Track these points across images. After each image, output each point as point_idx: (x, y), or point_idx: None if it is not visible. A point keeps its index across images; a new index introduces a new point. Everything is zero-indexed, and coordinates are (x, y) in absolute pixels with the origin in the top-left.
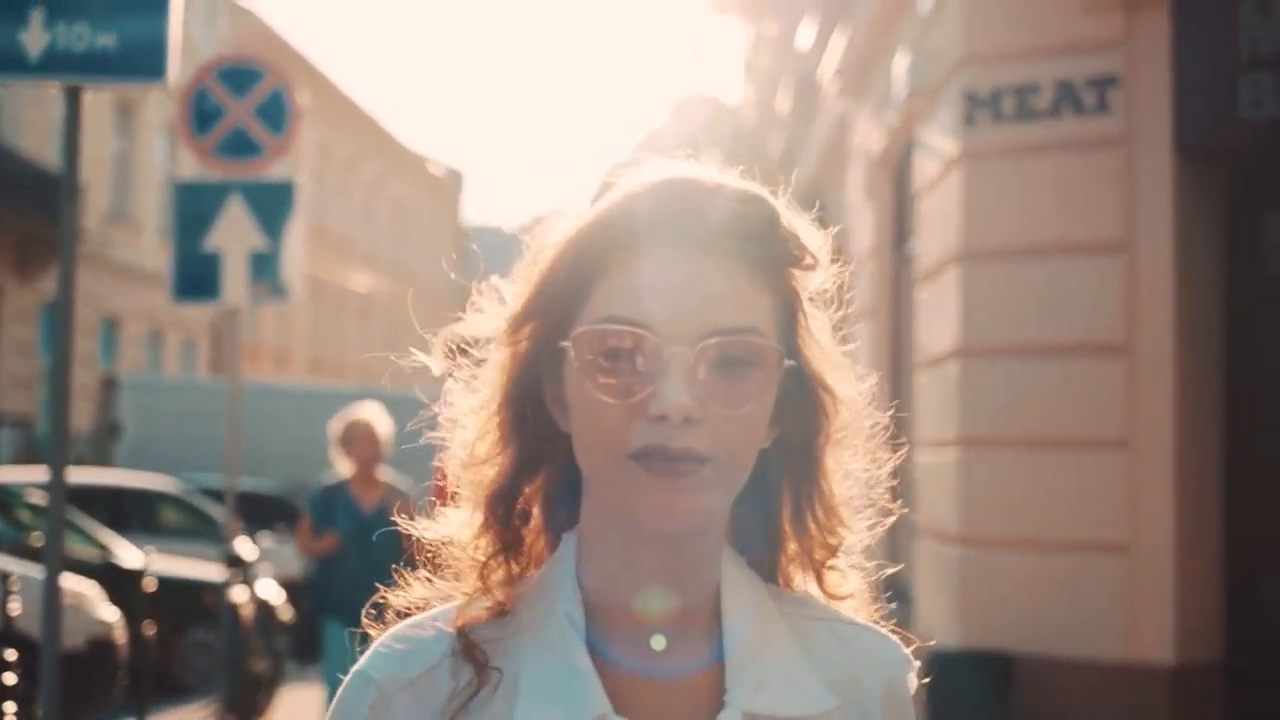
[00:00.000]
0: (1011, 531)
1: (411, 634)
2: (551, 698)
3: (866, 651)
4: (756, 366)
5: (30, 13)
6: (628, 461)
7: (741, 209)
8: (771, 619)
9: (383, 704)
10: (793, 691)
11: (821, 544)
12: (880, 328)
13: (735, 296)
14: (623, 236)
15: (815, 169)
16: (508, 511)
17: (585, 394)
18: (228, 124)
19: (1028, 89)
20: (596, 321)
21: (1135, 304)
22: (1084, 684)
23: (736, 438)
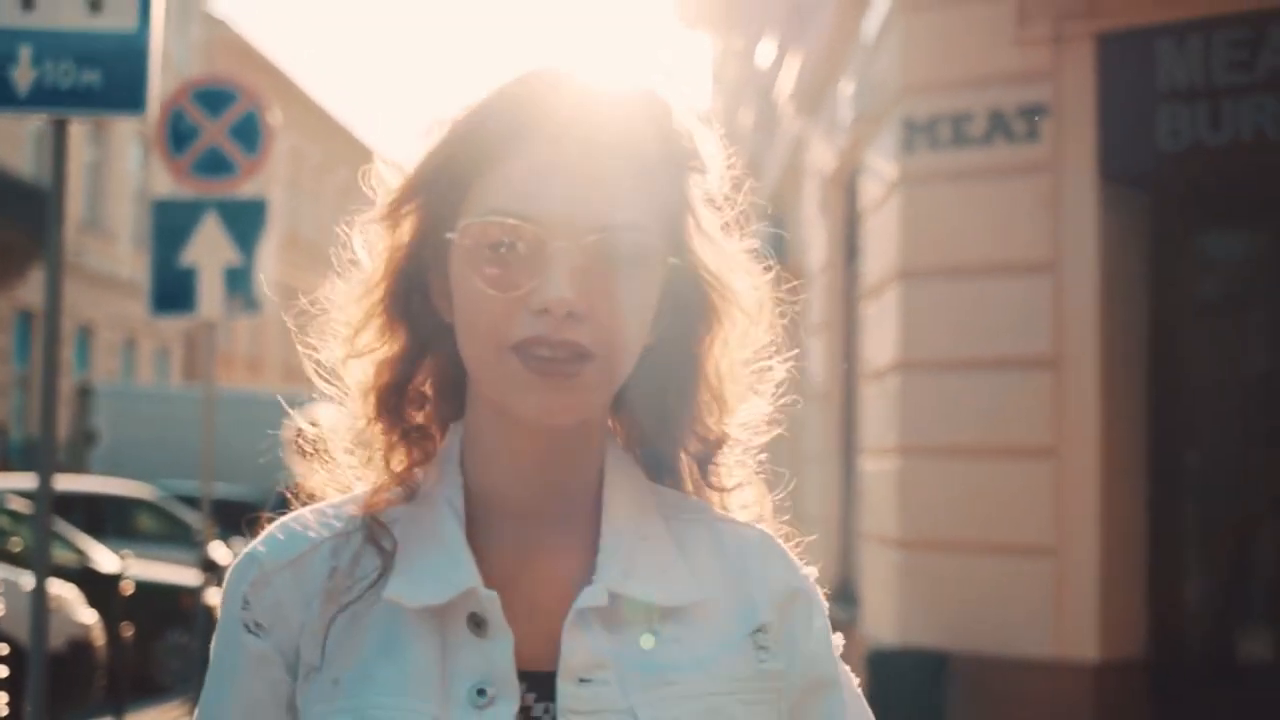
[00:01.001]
0: (947, 535)
1: (300, 518)
2: (425, 573)
3: (744, 542)
4: (641, 264)
5: (19, 50)
6: (509, 354)
7: (633, 106)
8: (650, 515)
9: (262, 580)
10: (662, 580)
11: (710, 435)
12: (833, 340)
13: (622, 193)
14: (510, 125)
15: (776, 183)
16: (400, 399)
17: (468, 286)
18: (203, 143)
19: (962, 117)
20: (481, 213)
21: (1062, 320)
22: (1014, 679)
23: (619, 334)
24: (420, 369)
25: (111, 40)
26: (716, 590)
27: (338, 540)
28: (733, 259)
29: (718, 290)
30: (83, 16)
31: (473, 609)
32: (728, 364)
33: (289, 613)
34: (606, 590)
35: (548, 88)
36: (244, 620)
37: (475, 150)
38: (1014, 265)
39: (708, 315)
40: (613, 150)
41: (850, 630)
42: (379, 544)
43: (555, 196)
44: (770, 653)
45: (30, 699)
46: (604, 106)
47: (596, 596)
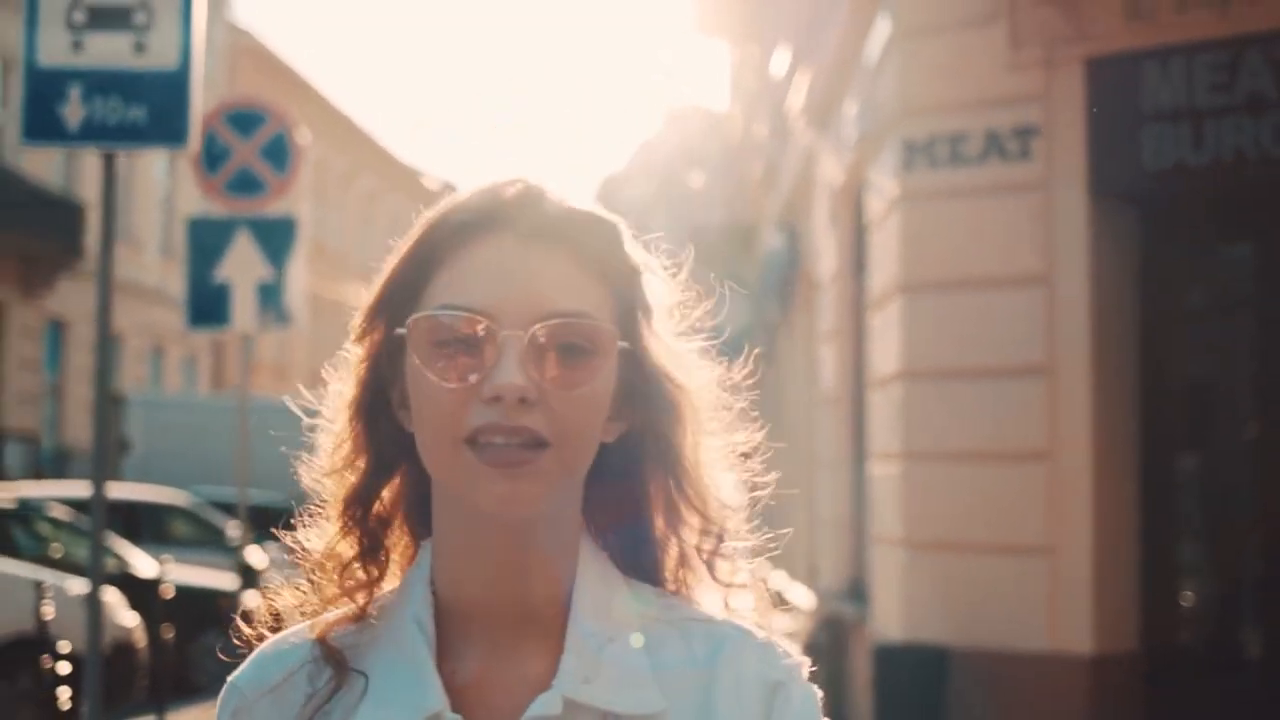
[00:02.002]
0: (949, 536)
1: (277, 644)
2: (394, 698)
3: (718, 644)
4: (591, 351)
5: (70, 89)
6: (464, 447)
7: (584, 215)
8: (621, 617)
9: (244, 709)
10: (623, 688)
11: (702, 533)
12: (843, 348)
13: (569, 283)
14: (458, 229)
15: (789, 194)
16: (364, 516)
17: (422, 381)
18: (235, 164)
19: (959, 137)
20: (432, 310)
21: (1055, 330)
22: (1013, 672)
23: (573, 420)
24: (385, 486)
25: (155, 78)
26: (680, 696)
27: (313, 666)
28: (684, 358)
29: (673, 386)
30: (128, 56)
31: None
32: (700, 459)
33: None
34: (561, 697)
35: (500, 194)
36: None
37: (429, 256)
38: (1009, 278)
39: (671, 411)
40: (561, 248)
41: (861, 627)
42: (341, 665)
43: (501, 288)
44: None
45: (87, 696)
46: (548, 205)
47: (550, 705)
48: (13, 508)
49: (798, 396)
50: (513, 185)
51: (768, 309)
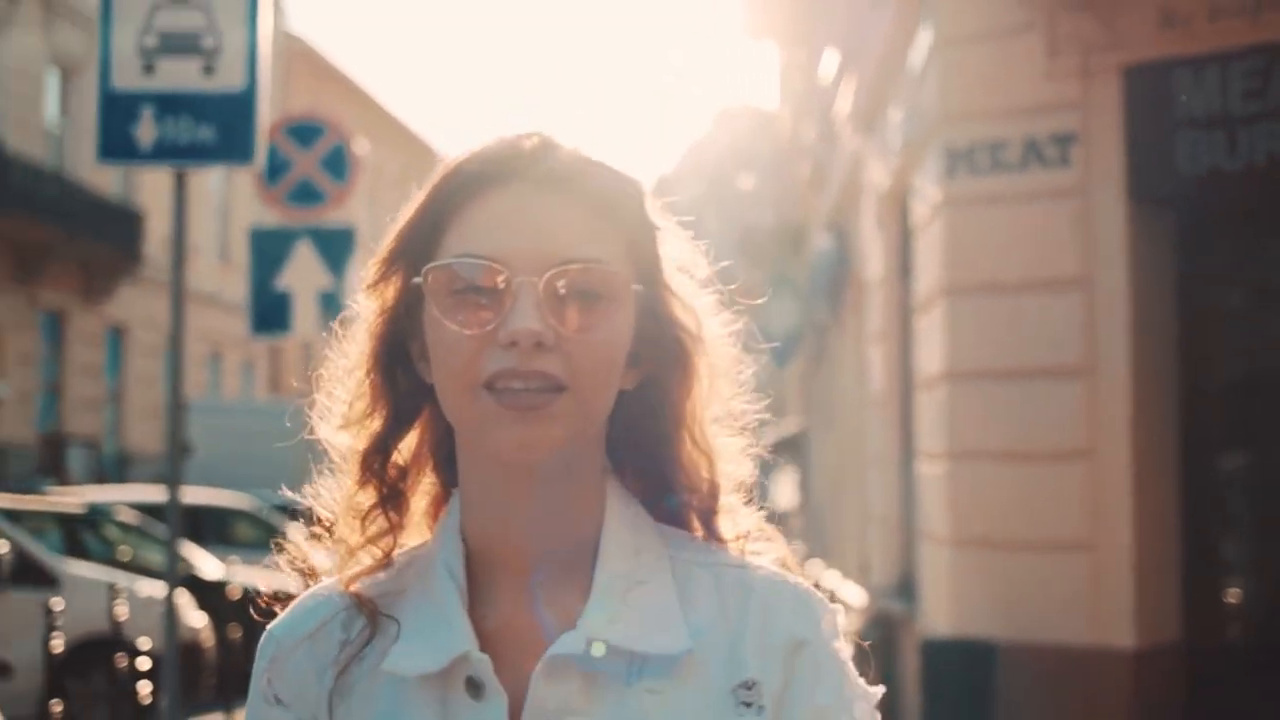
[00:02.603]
0: (993, 533)
1: (313, 594)
2: (424, 641)
3: (749, 590)
4: (606, 296)
5: (142, 110)
6: (482, 392)
7: (603, 168)
8: (651, 558)
9: (282, 657)
10: (650, 628)
11: (702, 486)
12: (890, 350)
13: (584, 230)
14: (474, 179)
15: (837, 196)
16: (382, 467)
17: (440, 330)
18: (295, 175)
19: (999, 145)
20: (448, 259)
21: (1095, 332)
22: (1057, 665)
23: (589, 364)
24: (403, 437)
25: (223, 99)
26: (710, 640)
27: (347, 614)
28: (701, 311)
29: (688, 337)
30: (198, 79)
31: (469, 673)
32: (706, 416)
33: (306, 686)
34: (585, 638)
35: (516, 145)
36: (266, 695)
37: (444, 207)
38: (1050, 281)
39: (682, 363)
40: (576, 196)
41: (910, 623)
42: (372, 613)
43: (518, 235)
44: (754, 709)
45: (164, 692)
46: (569, 160)
47: (573, 644)
48: (82, 513)
49: (848, 397)
50: (529, 137)
51: (818, 310)
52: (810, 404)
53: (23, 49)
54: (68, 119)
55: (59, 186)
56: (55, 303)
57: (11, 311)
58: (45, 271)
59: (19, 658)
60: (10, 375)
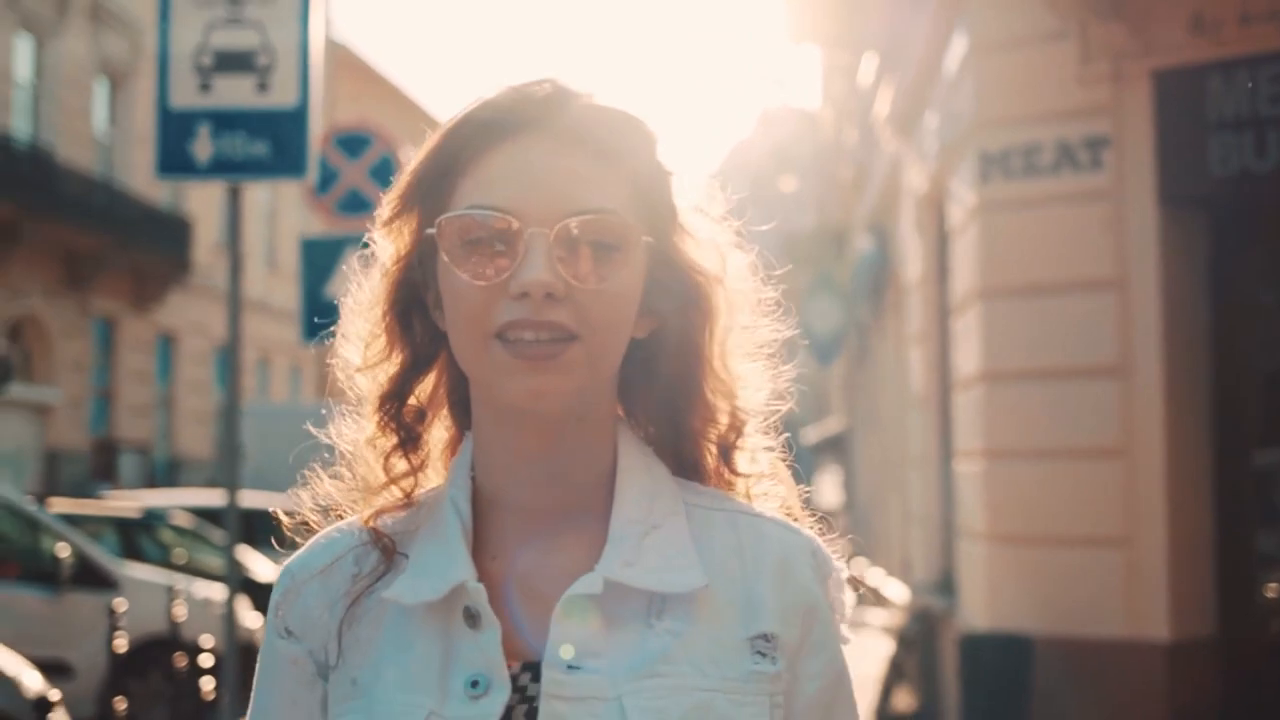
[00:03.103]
0: (1029, 529)
1: (328, 533)
2: (426, 572)
3: (763, 540)
4: (617, 246)
5: (199, 127)
6: (493, 342)
7: (616, 116)
8: (669, 504)
9: (294, 590)
10: (666, 569)
11: (724, 423)
12: (929, 350)
13: (595, 180)
14: (486, 129)
15: (877, 198)
16: (399, 410)
17: (452, 279)
18: (344, 185)
19: (1033, 149)
20: (461, 210)
21: (1128, 332)
22: (1092, 658)
23: (601, 314)
24: (420, 381)
25: (276, 116)
26: (725, 581)
27: (361, 549)
28: (717, 250)
29: (704, 279)
30: (252, 96)
31: (466, 602)
32: (729, 351)
33: (316, 619)
34: (602, 578)
35: (530, 95)
36: (277, 627)
37: (457, 155)
38: (1083, 283)
39: (700, 304)
40: (589, 147)
41: (950, 619)
42: (388, 548)
43: (528, 186)
44: (769, 660)
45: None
46: (582, 110)
47: (591, 584)
48: (138, 517)
49: (890, 396)
50: (542, 85)
51: (860, 310)
52: (853, 403)
53: (72, 59)
54: (116, 128)
55: (109, 195)
56: (106, 310)
57: (64, 319)
58: (96, 279)
59: (80, 658)
60: (63, 382)
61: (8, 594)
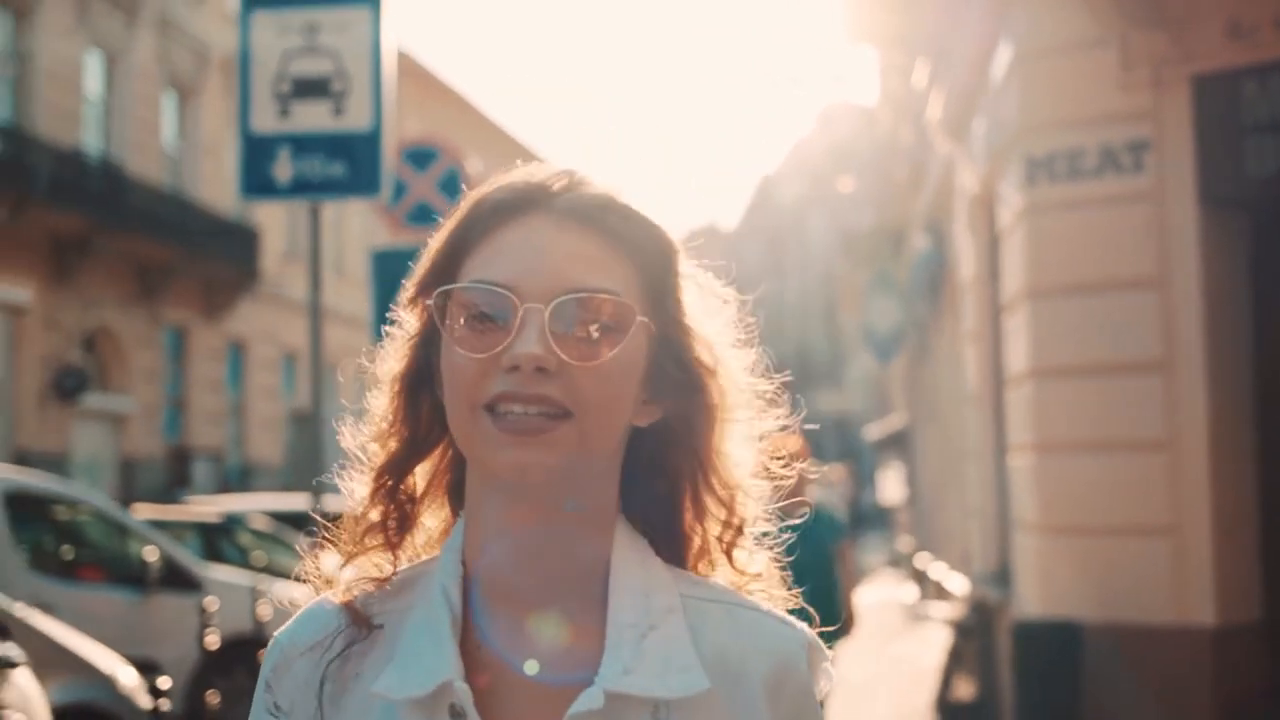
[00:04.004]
0: (1078, 520)
1: (320, 604)
2: (414, 664)
3: (761, 636)
4: (614, 327)
5: (279, 150)
6: (483, 413)
7: (623, 205)
8: (665, 600)
9: (284, 665)
10: (666, 673)
11: (724, 523)
12: (982, 348)
13: (598, 262)
14: (496, 209)
15: (934, 198)
16: (394, 486)
17: (449, 352)
18: (413, 198)
19: (1076, 153)
20: (461, 284)
21: (1171, 328)
22: (1141, 643)
23: (594, 392)
24: (419, 461)
25: (352, 138)
26: (723, 682)
27: (350, 630)
28: (719, 343)
29: (705, 371)
30: (328, 119)
31: (452, 700)
32: (728, 446)
33: (305, 696)
34: (604, 692)
35: (543, 179)
36: (267, 704)
37: (468, 234)
38: (1127, 281)
39: (703, 398)
40: (594, 228)
41: (1006, 609)
42: (365, 628)
43: (528, 263)
44: None
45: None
46: (592, 194)
47: (593, 700)
48: (219, 521)
49: (949, 392)
50: (559, 174)
51: (918, 308)
52: (914, 400)
53: (141, 74)
54: (184, 141)
55: (178, 207)
56: (177, 319)
57: (136, 329)
58: (167, 289)
59: (167, 658)
60: (136, 391)
61: (98, 596)
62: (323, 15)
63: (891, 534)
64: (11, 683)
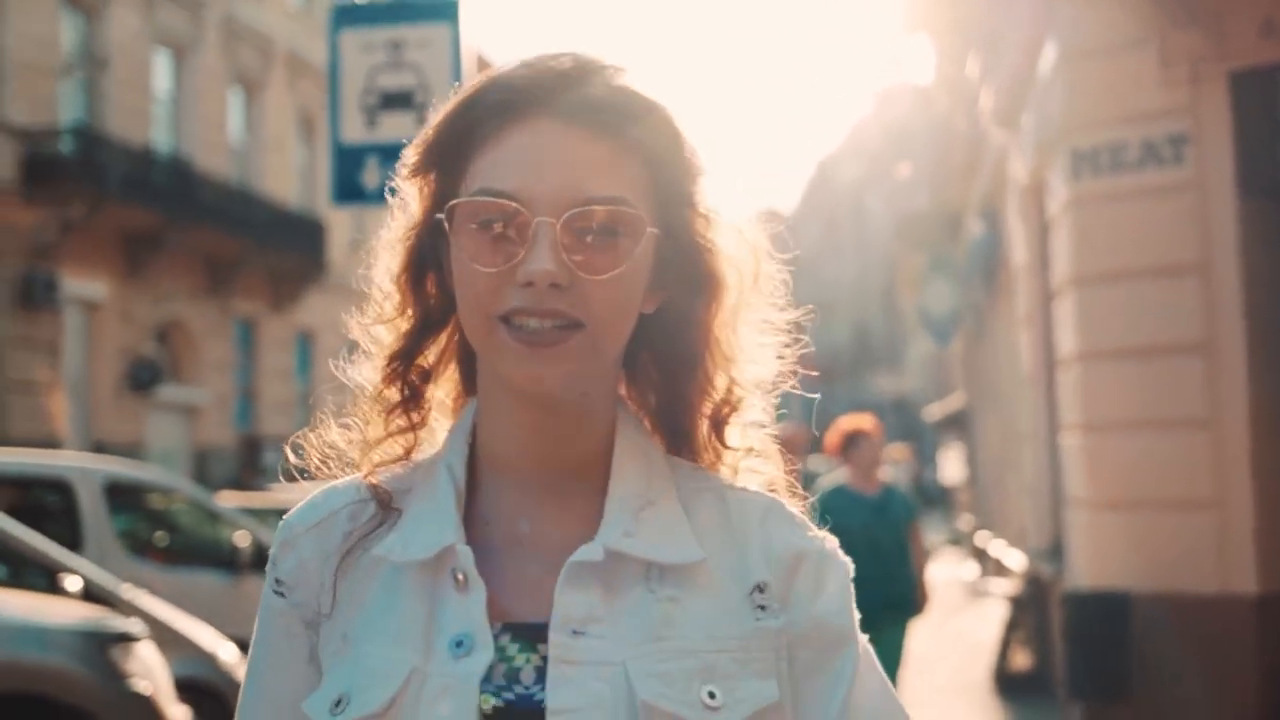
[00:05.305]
0: (1126, 495)
1: (328, 489)
2: (418, 533)
3: (746, 505)
4: (624, 235)
5: (367, 159)
6: (498, 324)
7: (631, 98)
8: (659, 481)
9: (289, 543)
10: (663, 541)
11: (719, 396)
12: (1035, 332)
13: (605, 167)
14: (502, 106)
15: (988, 184)
16: (406, 369)
17: (461, 262)
18: None
19: (1119, 147)
20: (471, 194)
21: (1212, 312)
22: (1187, 612)
23: (605, 303)
24: (430, 341)
25: None
26: (718, 552)
27: (357, 505)
28: (729, 231)
29: (714, 258)
30: (412, 130)
31: (454, 565)
32: (734, 328)
33: (310, 572)
34: (603, 547)
35: (546, 72)
36: (270, 581)
37: (471, 131)
38: (1170, 268)
39: (708, 282)
40: (601, 130)
41: (1059, 582)
42: (384, 504)
43: (537, 173)
44: (768, 611)
45: None
46: (597, 91)
47: (592, 552)
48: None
49: (1006, 374)
50: (560, 61)
51: (974, 292)
52: (972, 382)
53: (208, 72)
54: (251, 135)
55: (245, 201)
56: (246, 311)
57: (207, 321)
58: (236, 282)
59: None
60: (208, 382)
61: (192, 579)
62: (406, 32)
63: (952, 513)
64: (136, 655)
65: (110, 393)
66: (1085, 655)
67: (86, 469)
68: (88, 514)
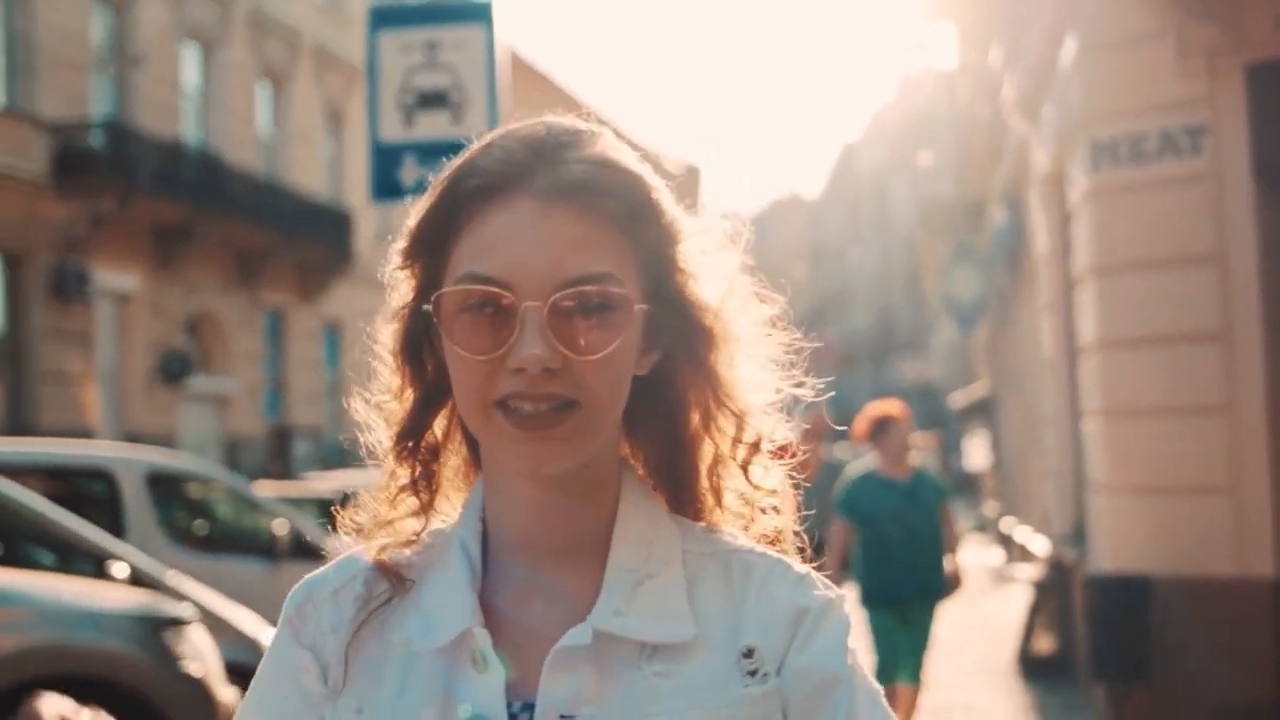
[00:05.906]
0: (1145, 480)
1: (351, 554)
2: (436, 616)
3: (750, 570)
4: (612, 311)
5: (405, 157)
6: (494, 410)
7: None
8: (666, 551)
9: (309, 606)
10: (657, 618)
11: (735, 438)
12: (1056, 320)
13: (587, 244)
14: (480, 191)
15: (1010, 172)
16: (415, 447)
17: (452, 350)
18: None
19: (1138, 138)
20: (456, 280)
21: (1229, 300)
22: (1206, 595)
23: (599, 381)
24: (433, 416)
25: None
26: (715, 621)
27: (372, 574)
28: (715, 281)
29: (703, 313)
30: (448, 128)
31: (472, 646)
32: (733, 374)
33: (326, 636)
34: (592, 629)
35: (519, 148)
36: (293, 637)
37: (454, 213)
38: (1187, 257)
39: (701, 337)
40: (580, 205)
41: (1081, 566)
42: (395, 582)
43: (521, 257)
44: (757, 676)
45: None
46: (572, 166)
47: (580, 636)
48: (336, 496)
49: (1029, 361)
50: (535, 131)
51: (998, 279)
52: (996, 368)
53: (236, 65)
54: (278, 129)
55: (273, 193)
56: (275, 302)
57: (237, 313)
58: (265, 273)
59: None
60: (238, 373)
61: (232, 566)
62: (442, 34)
63: (978, 500)
64: (187, 638)
65: (141, 384)
66: (1107, 638)
67: (129, 459)
68: (130, 503)
